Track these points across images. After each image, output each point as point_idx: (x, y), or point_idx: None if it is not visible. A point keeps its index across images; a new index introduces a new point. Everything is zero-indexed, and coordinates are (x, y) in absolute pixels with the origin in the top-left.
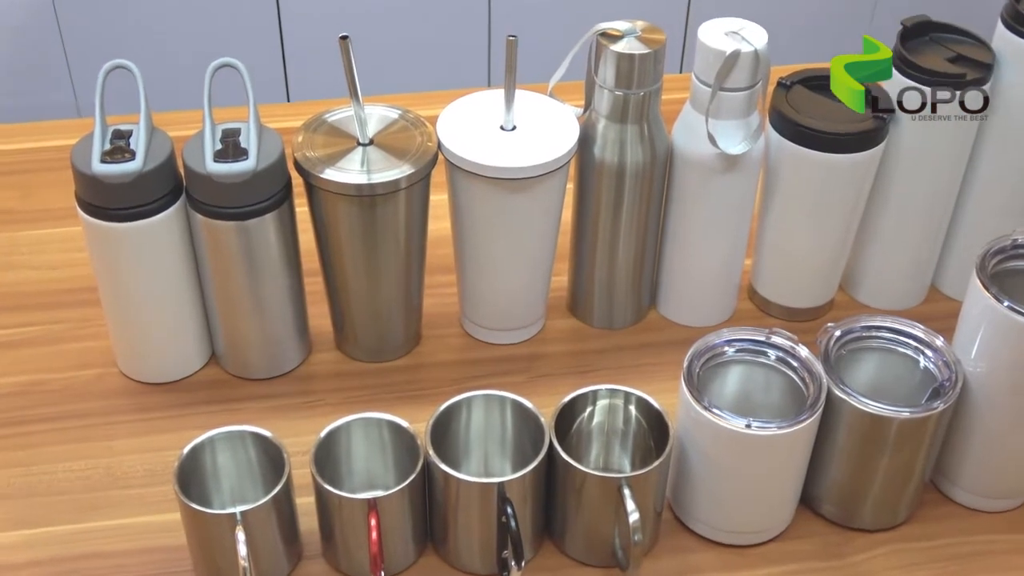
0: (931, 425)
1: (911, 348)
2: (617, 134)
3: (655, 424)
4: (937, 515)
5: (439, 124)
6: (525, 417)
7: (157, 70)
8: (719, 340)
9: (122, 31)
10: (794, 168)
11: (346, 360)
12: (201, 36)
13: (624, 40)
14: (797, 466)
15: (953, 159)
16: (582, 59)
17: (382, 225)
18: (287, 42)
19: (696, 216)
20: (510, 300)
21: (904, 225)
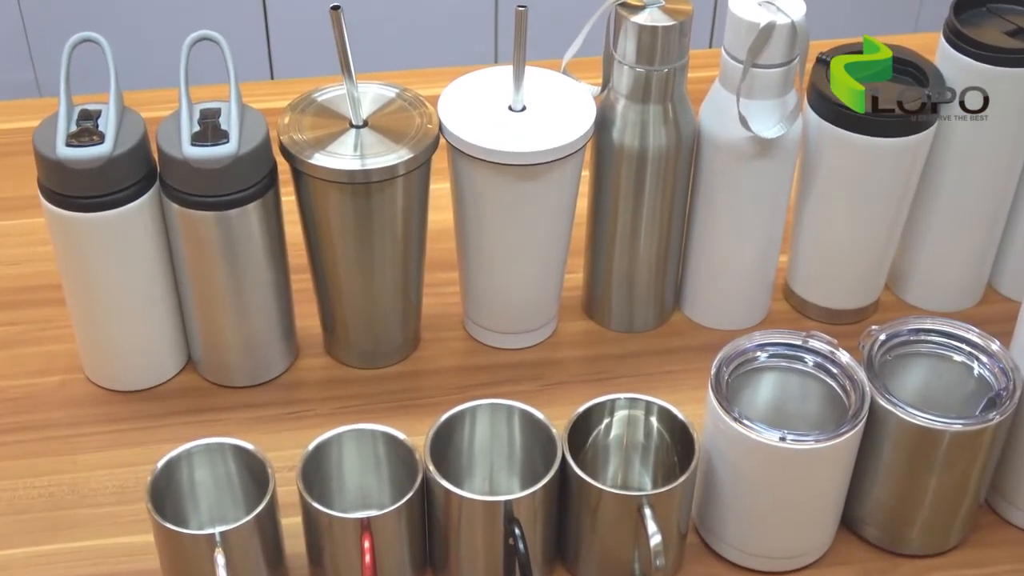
0: (986, 439)
1: (964, 354)
2: (638, 115)
3: (679, 437)
4: (993, 539)
5: (441, 104)
6: (535, 429)
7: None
8: (750, 344)
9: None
10: (835, 153)
11: (337, 366)
12: (176, 7)
13: (646, 11)
14: (837, 484)
15: (1011, 144)
16: (600, 33)
17: (377, 216)
18: (271, 14)
19: (726, 207)
20: (519, 300)
21: (957, 218)
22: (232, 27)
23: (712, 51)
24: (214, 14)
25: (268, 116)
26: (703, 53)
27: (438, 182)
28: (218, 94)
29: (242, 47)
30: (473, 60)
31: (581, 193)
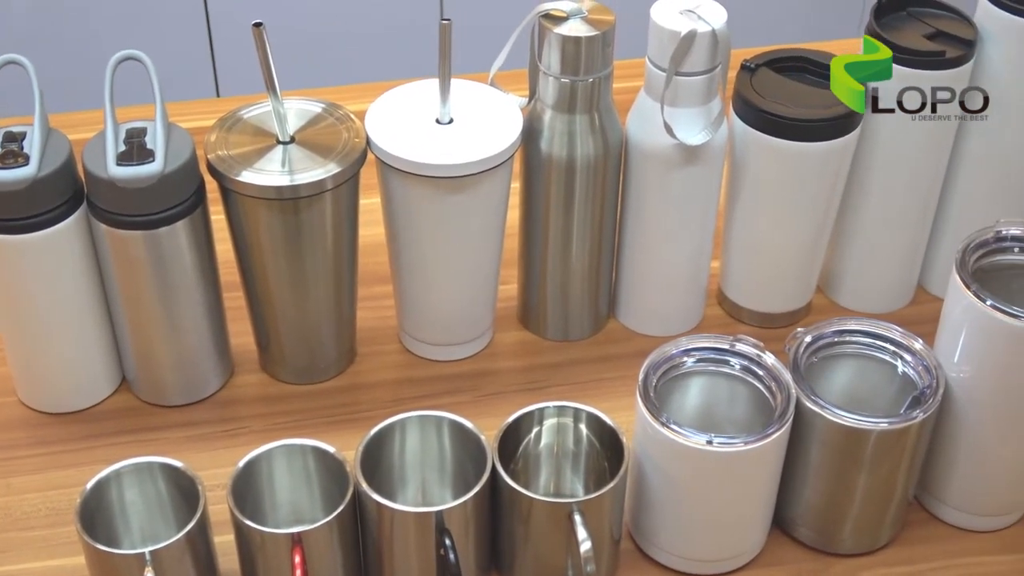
0: (912, 437)
1: (888, 353)
2: (565, 125)
3: (609, 443)
4: (923, 536)
5: (368, 118)
6: (465, 439)
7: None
8: (677, 350)
9: (18, 22)
10: (761, 159)
11: (272, 382)
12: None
13: (569, 22)
14: (767, 486)
15: (935, 145)
16: (526, 44)
17: (307, 231)
18: (215, 32)
19: (655, 214)
20: (453, 312)
21: (885, 219)
22: (176, 46)
23: (638, 61)
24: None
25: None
26: (631, 63)
27: (370, 197)
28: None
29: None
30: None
31: (512, 204)
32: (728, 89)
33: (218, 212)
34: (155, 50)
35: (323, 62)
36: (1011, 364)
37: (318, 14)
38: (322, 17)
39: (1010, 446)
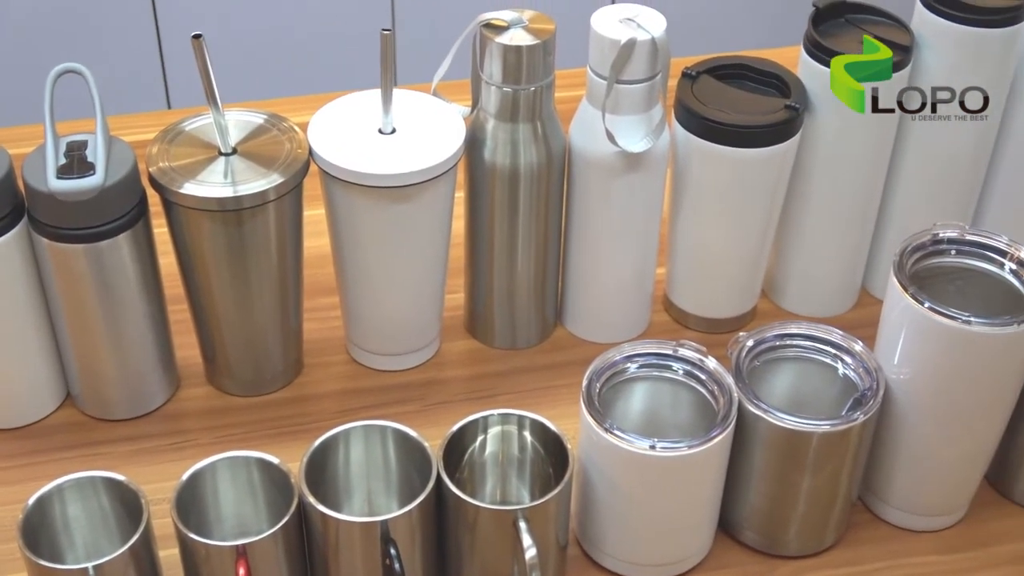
0: (853, 438)
1: (829, 356)
2: (508, 134)
3: (554, 450)
4: (867, 537)
5: (310, 129)
6: (410, 449)
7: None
8: (620, 356)
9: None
10: (703, 165)
11: (219, 395)
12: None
13: (510, 31)
14: (711, 489)
15: (873, 148)
16: (469, 54)
17: (251, 242)
18: (165, 43)
19: (600, 221)
20: (399, 322)
21: (827, 224)
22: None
23: (581, 69)
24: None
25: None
26: (573, 72)
27: (315, 208)
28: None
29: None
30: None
31: (457, 214)
32: (670, 97)
33: (161, 225)
34: (106, 63)
35: (268, 73)
36: (949, 366)
37: (266, 26)
38: (269, 29)
39: (950, 447)
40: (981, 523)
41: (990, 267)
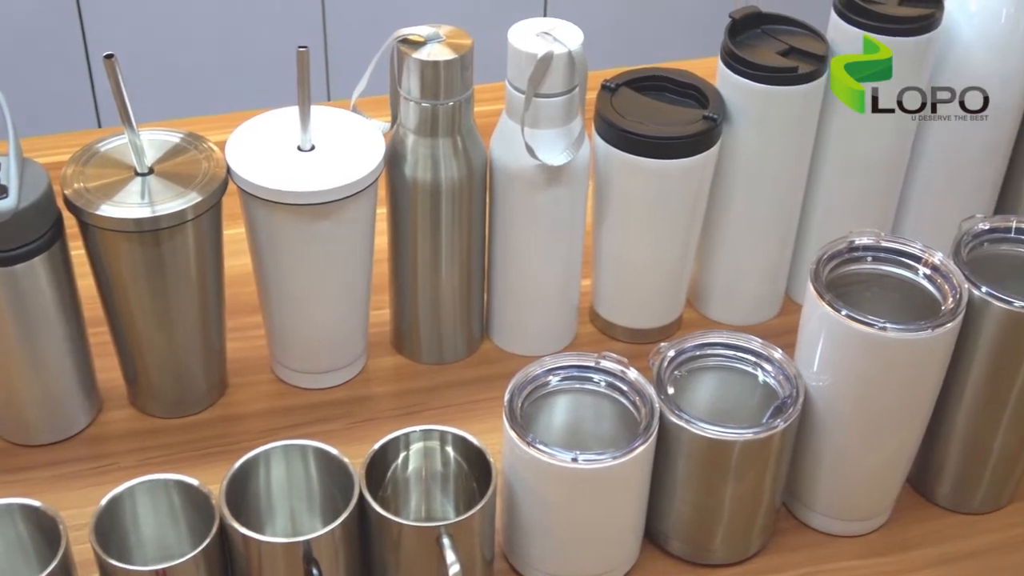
0: (775, 445)
1: (749, 364)
2: (428, 149)
3: (477, 465)
4: (793, 543)
5: (228, 148)
6: (332, 467)
7: None
8: (541, 370)
9: None
10: (623, 177)
11: (142, 417)
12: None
13: (427, 47)
14: (635, 500)
15: (792, 158)
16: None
17: (170, 263)
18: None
19: (522, 234)
20: (324, 339)
21: (748, 233)
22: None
23: (500, 84)
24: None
25: None
26: (493, 87)
27: (236, 227)
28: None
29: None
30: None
31: (380, 230)
32: (590, 110)
33: (79, 247)
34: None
35: (188, 92)
36: (867, 372)
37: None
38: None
39: (871, 451)
40: (904, 526)
41: (906, 273)
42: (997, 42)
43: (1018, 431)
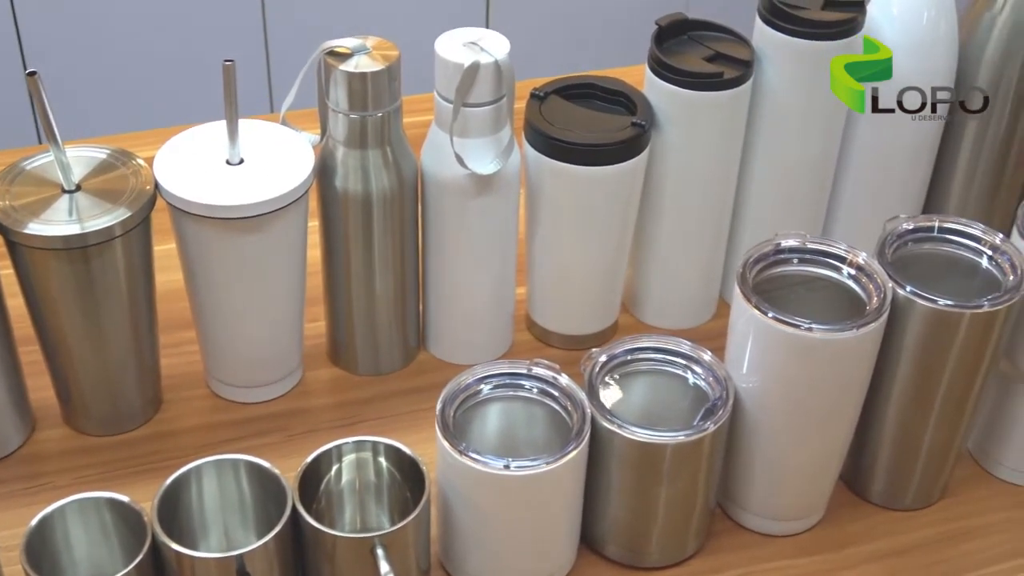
0: (706, 447)
1: (680, 367)
2: (358, 161)
3: (410, 474)
4: (728, 544)
5: (156, 163)
6: (265, 481)
7: None
8: (473, 379)
9: None
10: (554, 185)
11: (76, 435)
12: None
13: (354, 58)
14: (569, 505)
15: (721, 162)
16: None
17: (100, 280)
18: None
19: (455, 244)
20: (258, 353)
21: (681, 237)
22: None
23: (429, 94)
24: None
25: None
26: (422, 97)
27: (167, 242)
28: None
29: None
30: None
31: (313, 242)
32: (519, 118)
33: (7, 266)
34: None
35: (117, 107)
36: (795, 373)
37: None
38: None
39: (802, 452)
40: (839, 525)
41: (831, 273)
42: (920, 44)
43: (946, 428)
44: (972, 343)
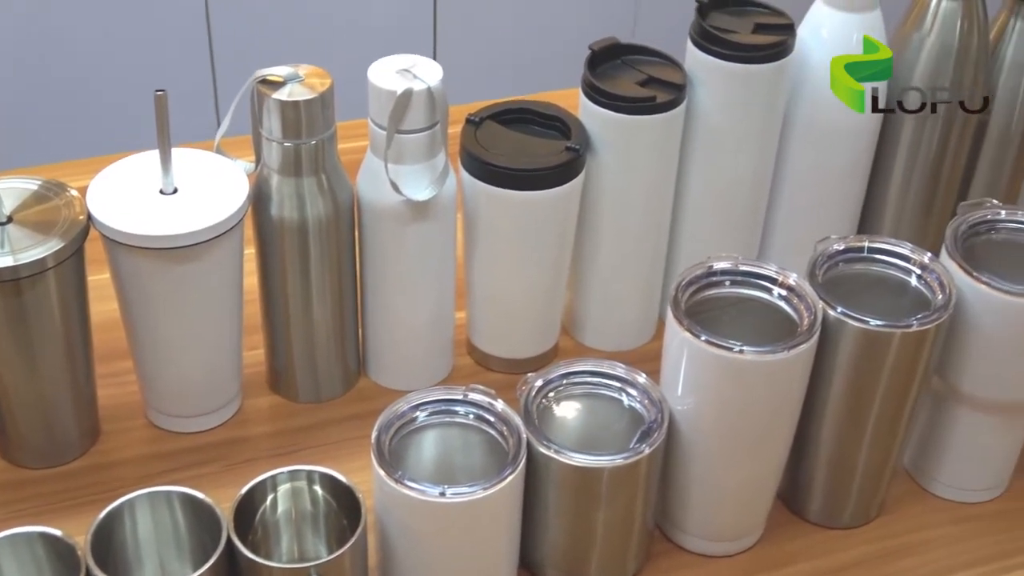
0: (642, 470)
1: (615, 390)
2: (293, 188)
3: (346, 503)
4: (667, 566)
5: (89, 194)
6: (200, 513)
7: None
8: (408, 406)
9: None
10: (490, 210)
11: (11, 468)
12: None
13: (287, 87)
14: (507, 531)
15: (657, 185)
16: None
17: (33, 312)
18: None
19: (393, 270)
20: (196, 382)
21: (618, 259)
22: None
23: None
24: None
25: None
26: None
27: (102, 272)
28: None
29: None
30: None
31: (250, 270)
32: (455, 144)
33: None
34: None
35: (51, 137)
36: (728, 395)
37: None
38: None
39: (738, 472)
40: (777, 544)
41: (763, 295)
42: None
43: (881, 446)
44: (903, 362)
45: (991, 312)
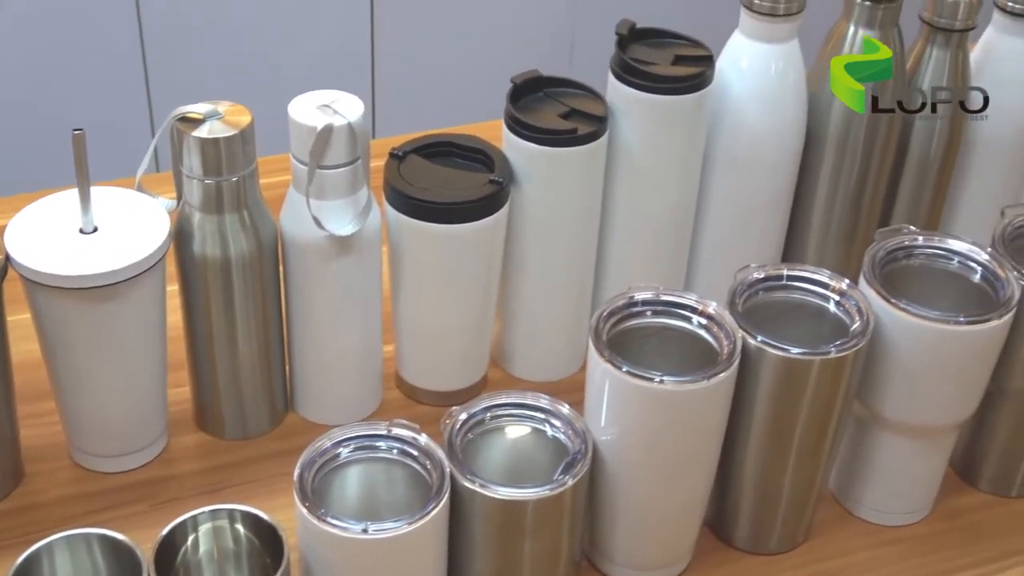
0: (567, 501)
1: (539, 421)
2: (215, 225)
3: (269, 541)
4: None
5: (8, 234)
6: (120, 555)
7: None
8: (330, 443)
9: None
10: (415, 243)
11: None
12: None
13: (206, 124)
14: (432, 566)
15: (581, 216)
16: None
17: None
18: None
19: (318, 305)
20: (120, 422)
21: (545, 290)
22: None
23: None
24: None
25: None
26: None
27: (21, 312)
28: None
29: None
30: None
31: (174, 307)
32: (378, 178)
33: None
34: None
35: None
36: (650, 423)
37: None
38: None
39: (662, 501)
40: (705, 571)
41: (684, 324)
42: (769, 95)
43: (805, 472)
44: (823, 389)
45: (909, 337)
